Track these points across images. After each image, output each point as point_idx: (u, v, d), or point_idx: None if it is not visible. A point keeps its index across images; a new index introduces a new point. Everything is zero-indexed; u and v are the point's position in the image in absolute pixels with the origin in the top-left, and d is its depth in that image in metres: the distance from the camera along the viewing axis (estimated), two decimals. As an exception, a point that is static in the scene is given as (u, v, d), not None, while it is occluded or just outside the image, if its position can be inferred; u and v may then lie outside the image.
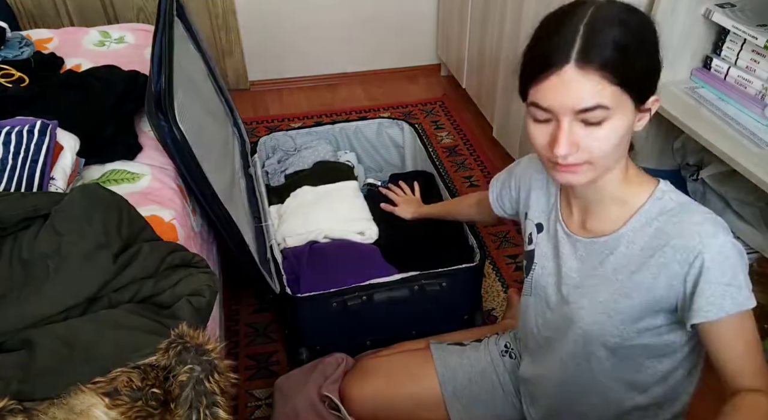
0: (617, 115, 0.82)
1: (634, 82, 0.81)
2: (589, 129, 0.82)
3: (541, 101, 0.83)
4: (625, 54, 0.79)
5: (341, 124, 2.18)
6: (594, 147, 0.83)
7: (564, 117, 0.82)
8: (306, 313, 1.52)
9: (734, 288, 0.85)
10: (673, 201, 0.91)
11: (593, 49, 0.78)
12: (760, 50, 1.46)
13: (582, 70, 0.79)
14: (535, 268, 1.08)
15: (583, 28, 0.80)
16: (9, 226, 1.05)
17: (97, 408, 0.78)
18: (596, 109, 0.80)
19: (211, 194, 1.37)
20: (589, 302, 0.97)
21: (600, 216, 0.97)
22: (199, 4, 2.65)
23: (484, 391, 1.29)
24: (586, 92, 0.80)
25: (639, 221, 0.92)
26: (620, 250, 0.94)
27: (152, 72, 1.40)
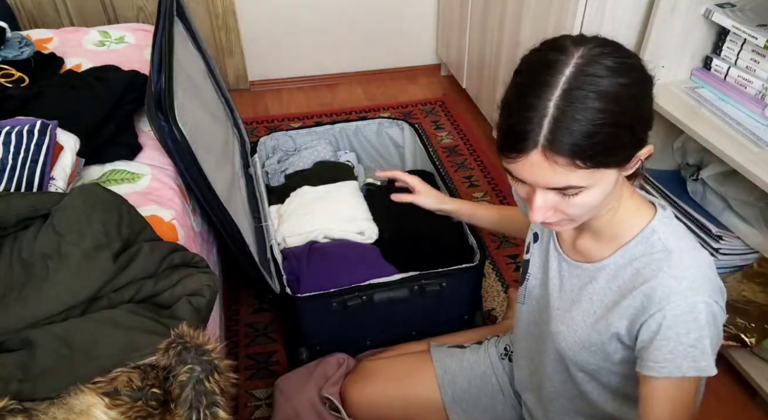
0: (594, 186, 0.77)
1: (612, 159, 0.76)
2: (566, 198, 0.79)
3: (513, 173, 0.79)
4: (600, 138, 0.72)
5: (341, 124, 2.18)
6: (571, 211, 0.81)
7: (537, 189, 0.79)
8: (306, 313, 1.52)
9: (698, 351, 0.80)
10: (661, 243, 0.85)
11: (560, 137, 0.72)
12: (760, 50, 1.46)
13: (548, 158, 0.74)
14: (529, 278, 1.07)
15: (553, 108, 0.72)
16: (9, 226, 1.05)
17: (97, 408, 0.78)
18: (568, 188, 0.77)
19: (211, 194, 1.37)
20: (567, 329, 0.96)
21: (590, 241, 0.93)
22: (199, 4, 2.65)
23: (484, 395, 1.29)
24: (555, 176, 0.75)
25: (623, 257, 0.88)
26: (599, 282, 0.91)
27: (152, 72, 1.40)
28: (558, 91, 0.73)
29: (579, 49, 0.75)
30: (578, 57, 0.74)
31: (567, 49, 0.75)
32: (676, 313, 0.80)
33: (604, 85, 0.72)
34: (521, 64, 0.79)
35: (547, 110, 0.73)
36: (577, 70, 0.73)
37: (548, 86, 0.73)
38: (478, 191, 2.30)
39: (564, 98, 0.72)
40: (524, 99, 0.75)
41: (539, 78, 0.74)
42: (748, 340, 1.46)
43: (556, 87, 0.73)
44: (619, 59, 0.74)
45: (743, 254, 1.58)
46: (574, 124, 0.72)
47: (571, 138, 0.72)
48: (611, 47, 0.76)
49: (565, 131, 0.72)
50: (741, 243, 1.56)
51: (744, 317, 1.48)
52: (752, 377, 1.47)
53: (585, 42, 0.76)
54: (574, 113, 0.72)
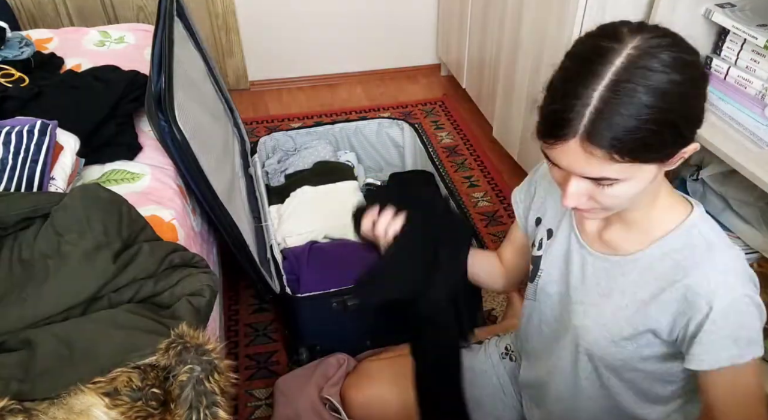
0: (631, 179, 0.76)
1: (653, 155, 0.74)
2: (600, 187, 0.77)
3: (551, 158, 0.78)
4: (643, 131, 0.70)
5: (341, 124, 2.18)
6: (606, 201, 0.79)
7: (572, 175, 0.78)
8: (306, 313, 1.52)
9: (737, 342, 0.81)
10: (702, 237, 0.84)
11: (601, 129, 0.70)
12: (760, 50, 1.46)
13: (586, 149, 0.72)
14: (540, 274, 1.04)
15: (598, 98, 0.70)
16: (9, 226, 1.05)
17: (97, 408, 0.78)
18: (603, 180, 0.76)
19: (211, 194, 1.37)
20: (593, 322, 0.94)
21: (619, 233, 0.91)
22: (199, 4, 2.65)
23: (485, 394, 1.28)
24: (591, 166, 0.74)
25: (660, 249, 0.86)
26: (633, 275, 0.89)
27: (152, 72, 1.40)
28: (605, 82, 0.70)
29: (635, 38, 0.72)
30: (632, 47, 0.71)
31: (622, 37, 0.73)
32: (722, 306, 0.80)
33: (655, 81, 0.70)
34: (573, 47, 0.77)
35: (591, 100, 0.71)
36: (629, 61, 0.70)
37: (596, 75, 0.71)
38: (478, 191, 2.30)
39: (610, 89, 0.70)
40: (570, 85, 0.73)
41: (588, 65, 0.72)
42: (748, 340, 1.45)
43: (603, 77, 0.70)
44: (675, 54, 0.71)
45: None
46: (617, 117, 0.70)
47: (611, 131, 0.70)
48: (670, 40, 0.73)
49: (606, 124, 0.70)
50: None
51: (744, 317, 1.48)
52: (752, 377, 1.47)
53: (643, 31, 0.73)
54: (618, 106, 0.70)
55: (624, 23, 0.76)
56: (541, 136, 0.77)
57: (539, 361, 1.13)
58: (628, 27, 0.74)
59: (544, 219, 1.07)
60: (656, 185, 0.83)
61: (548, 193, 1.06)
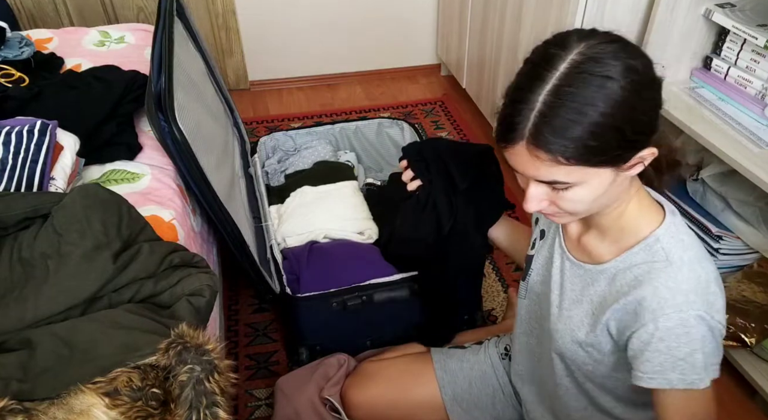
0: (584, 183, 0.77)
1: (601, 158, 0.75)
2: (557, 192, 0.79)
3: (509, 162, 0.81)
4: (585, 138, 0.72)
5: (341, 124, 2.18)
6: (565, 206, 0.81)
7: (530, 180, 0.80)
8: (306, 313, 1.52)
9: (688, 365, 0.79)
10: (663, 253, 0.83)
11: (544, 132, 0.72)
12: (760, 50, 1.46)
13: (531, 152, 0.75)
14: (531, 273, 1.07)
15: (541, 103, 0.73)
16: (9, 226, 1.05)
17: (97, 408, 0.78)
18: (555, 183, 0.77)
19: (211, 194, 1.37)
20: (564, 327, 0.95)
21: (595, 238, 0.92)
22: (199, 4, 2.65)
23: (485, 395, 1.29)
24: (540, 170, 0.76)
25: (624, 262, 0.87)
26: (600, 285, 0.90)
27: (152, 72, 1.40)
28: (548, 87, 0.73)
29: (581, 44, 0.74)
30: (577, 53, 0.73)
31: (569, 44, 0.75)
32: (668, 325, 0.79)
33: (596, 85, 0.71)
34: (530, 54, 0.80)
35: (536, 104, 0.73)
36: (571, 66, 0.73)
37: (541, 80, 0.74)
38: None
39: (552, 94, 0.72)
40: (519, 91, 0.76)
41: (536, 71, 0.75)
42: (748, 340, 1.46)
43: (548, 82, 0.73)
44: (619, 60, 0.73)
45: (743, 254, 1.58)
46: (558, 120, 0.72)
47: (554, 135, 0.72)
48: (617, 46, 0.74)
49: (550, 128, 0.72)
50: (741, 243, 1.56)
51: (744, 317, 1.48)
52: (752, 377, 1.47)
53: (591, 37, 0.75)
54: (559, 110, 0.72)
55: (576, 31, 0.78)
56: (496, 140, 0.80)
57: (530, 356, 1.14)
58: (578, 34, 0.76)
59: (540, 219, 1.09)
60: (623, 190, 0.83)
61: None
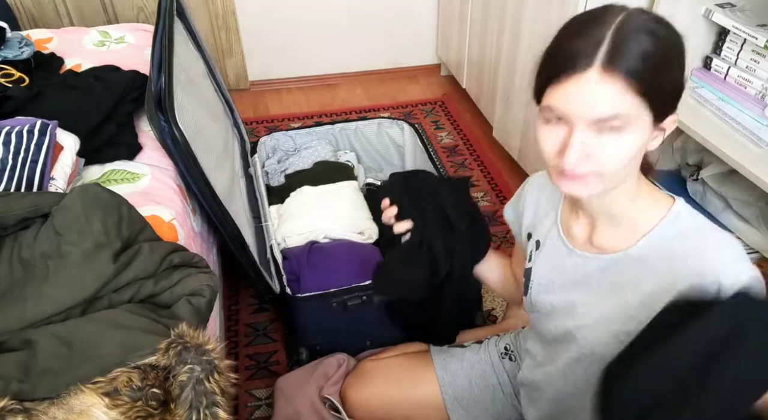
0: (634, 129, 0.77)
1: (657, 96, 0.77)
2: (603, 139, 0.78)
3: (557, 104, 0.78)
4: (653, 65, 0.75)
5: (341, 124, 2.18)
6: (605, 158, 0.79)
7: (578, 124, 0.78)
8: (306, 313, 1.52)
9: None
10: (689, 224, 0.87)
11: (621, 54, 0.74)
12: (760, 50, 1.46)
13: (607, 75, 0.74)
14: (532, 286, 1.05)
15: (612, 33, 0.76)
16: (9, 226, 1.05)
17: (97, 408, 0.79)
18: (614, 119, 0.76)
19: (211, 194, 1.37)
20: (594, 321, 0.94)
21: (608, 233, 0.92)
22: (199, 4, 2.65)
23: (485, 394, 1.29)
24: (607, 99, 0.75)
25: (651, 242, 0.87)
26: (629, 271, 0.89)
27: (152, 72, 1.40)
28: (616, 22, 0.76)
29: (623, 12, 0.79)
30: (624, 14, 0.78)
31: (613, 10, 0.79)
32: (729, 283, 0.80)
33: (655, 30, 0.77)
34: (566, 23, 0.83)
35: (606, 34, 0.76)
36: (627, 17, 0.77)
37: (602, 22, 0.77)
38: (478, 191, 2.30)
39: (622, 27, 0.76)
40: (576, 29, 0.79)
41: (591, 21, 0.79)
42: (748, 340, 1.45)
43: (612, 22, 0.77)
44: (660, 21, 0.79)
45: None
46: (634, 45, 0.75)
47: (631, 55, 0.74)
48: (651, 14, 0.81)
49: (626, 49, 0.75)
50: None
51: (744, 317, 1.48)
52: (752, 377, 1.47)
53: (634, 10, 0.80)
54: (631, 37, 0.75)
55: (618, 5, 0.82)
56: (551, 76, 0.79)
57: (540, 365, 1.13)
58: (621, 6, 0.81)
59: (533, 233, 1.08)
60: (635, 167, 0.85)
61: (537, 206, 1.07)
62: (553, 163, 0.82)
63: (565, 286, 0.99)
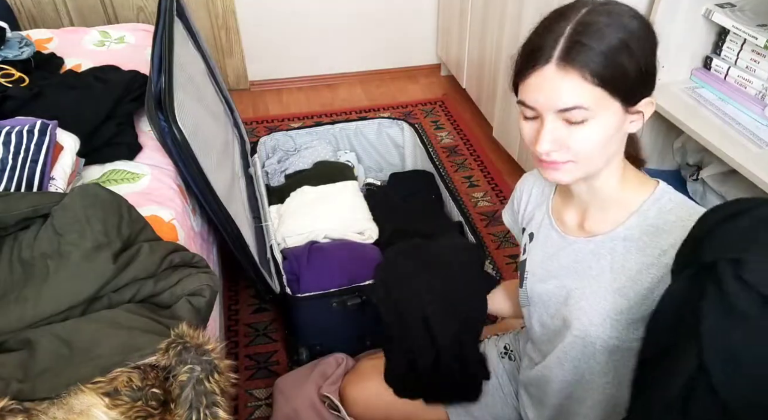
0: (600, 116, 0.82)
1: (620, 84, 0.81)
2: (572, 128, 0.83)
3: (527, 99, 0.84)
4: (610, 56, 0.79)
5: (341, 124, 2.18)
6: (576, 145, 0.84)
7: (547, 115, 0.83)
8: (306, 313, 1.52)
9: None
10: (672, 201, 0.91)
11: (575, 49, 0.79)
12: (760, 50, 1.46)
13: (562, 69, 0.79)
14: (527, 277, 1.08)
15: (570, 28, 0.80)
16: (9, 226, 1.05)
17: (97, 408, 0.79)
18: (575, 110, 0.81)
19: (211, 194, 1.37)
20: (588, 303, 0.96)
21: (598, 217, 0.96)
22: (199, 4, 2.65)
23: (484, 393, 1.29)
24: (565, 92, 0.80)
25: (637, 221, 0.91)
26: (618, 250, 0.93)
27: (152, 72, 1.40)
28: (576, 18, 0.81)
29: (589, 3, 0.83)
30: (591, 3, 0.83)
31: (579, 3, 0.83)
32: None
33: (617, 15, 0.81)
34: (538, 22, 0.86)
35: (564, 31, 0.80)
36: (592, 8, 0.82)
37: (565, 18, 0.81)
38: (478, 191, 2.30)
39: (580, 22, 0.80)
40: (542, 29, 0.83)
41: (557, 16, 0.83)
42: (748, 340, 1.45)
43: (572, 19, 0.81)
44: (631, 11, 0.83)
45: (743, 254, 1.58)
46: (589, 39, 0.79)
47: (584, 50, 0.78)
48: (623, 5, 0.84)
49: (579, 45, 0.79)
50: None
51: (744, 317, 1.48)
52: (752, 377, 1.47)
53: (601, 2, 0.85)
54: (588, 33, 0.79)
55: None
56: (519, 72, 0.84)
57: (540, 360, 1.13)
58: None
59: (527, 226, 1.11)
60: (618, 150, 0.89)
61: (528, 200, 1.12)
62: (534, 153, 0.88)
63: (559, 273, 1.01)
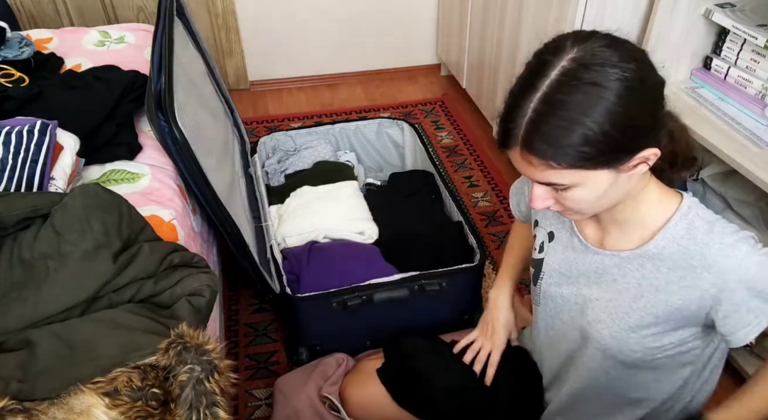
0: (586, 183, 0.78)
1: (591, 163, 0.76)
2: (558, 191, 0.81)
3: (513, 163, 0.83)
4: (573, 142, 0.73)
5: (341, 124, 2.18)
6: (568, 204, 0.83)
7: (532, 181, 0.82)
8: (306, 313, 1.52)
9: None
10: (702, 219, 0.87)
11: (534, 138, 0.75)
12: (760, 50, 1.46)
13: (524, 157, 0.77)
14: (543, 277, 1.05)
15: (532, 110, 0.75)
16: (9, 226, 1.05)
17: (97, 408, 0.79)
18: (551, 185, 0.79)
19: (211, 194, 1.37)
20: (609, 317, 0.94)
21: (617, 234, 0.93)
22: (199, 4, 2.65)
23: (484, 393, 1.29)
24: (537, 174, 0.78)
25: (665, 239, 0.88)
26: (647, 268, 0.90)
27: (152, 72, 1.40)
28: (539, 94, 0.75)
29: (574, 49, 0.75)
30: (568, 59, 0.75)
31: (562, 50, 0.76)
32: (750, 275, 0.82)
33: (584, 93, 0.73)
34: (530, 57, 0.82)
35: (527, 111, 0.75)
36: (561, 74, 0.74)
37: (533, 88, 0.75)
38: (478, 191, 2.30)
39: (542, 102, 0.74)
40: (513, 97, 0.78)
41: (529, 78, 0.77)
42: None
43: (539, 89, 0.75)
44: (612, 66, 0.73)
45: (743, 254, 1.58)
46: (547, 128, 0.74)
47: (542, 142, 0.75)
48: (612, 50, 0.75)
49: (538, 135, 0.75)
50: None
51: (744, 317, 1.48)
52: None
53: (587, 41, 0.76)
54: (548, 119, 0.74)
55: (573, 34, 0.79)
56: (497, 145, 0.82)
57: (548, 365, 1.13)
58: (574, 38, 0.77)
59: (541, 221, 1.08)
60: (632, 187, 0.84)
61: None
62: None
63: (578, 280, 0.99)
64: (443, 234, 1.75)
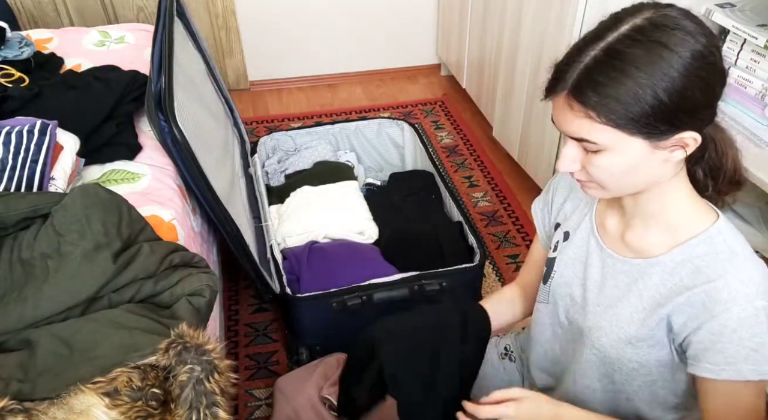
0: (617, 149, 0.77)
1: (636, 126, 0.74)
2: (590, 154, 0.79)
3: (552, 115, 0.82)
4: (624, 101, 0.73)
5: (341, 124, 2.18)
6: (593, 172, 0.81)
7: (566, 137, 0.80)
8: (306, 313, 1.52)
9: (760, 355, 0.79)
10: (726, 245, 0.83)
11: (586, 86, 0.74)
12: (760, 50, 1.46)
13: (569, 104, 0.76)
14: (554, 276, 1.04)
15: (591, 58, 0.74)
16: (9, 226, 1.05)
17: (97, 408, 0.79)
18: (585, 142, 0.78)
19: (211, 194, 1.37)
20: (609, 324, 0.93)
21: (640, 233, 0.90)
22: (199, 4, 2.65)
23: (484, 394, 1.28)
24: (573, 125, 0.77)
25: (681, 254, 0.85)
26: (653, 278, 0.88)
27: (152, 72, 1.40)
28: (602, 44, 0.74)
29: (652, 11, 0.75)
30: (643, 18, 0.74)
31: (641, 10, 0.76)
32: (741, 316, 0.79)
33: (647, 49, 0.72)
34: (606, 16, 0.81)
35: (586, 58, 0.75)
36: (631, 29, 0.74)
37: (599, 39, 0.75)
38: (478, 191, 2.30)
39: (603, 51, 0.74)
40: (577, 46, 0.78)
41: (598, 30, 0.77)
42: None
43: (604, 40, 0.75)
44: (687, 33, 0.73)
45: (743, 254, 1.58)
46: (599, 76, 0.73)
47: (591, 88, 0.73)
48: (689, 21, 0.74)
49: (588, 80, 0.74)
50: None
51: (744, 317, 1.47)
52: (752, 377, 1.47)
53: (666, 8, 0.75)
54: (603, 66, 0.73)
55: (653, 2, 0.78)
56: (545, 89, 0.80)
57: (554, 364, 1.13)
58: (656, 4, 0.77)
59: (563, 223, 1.06)
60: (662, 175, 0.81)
61: (567, 199, 1.06)
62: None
63: (588, 283, 0.98)
64: (443, 234, 1.75)
